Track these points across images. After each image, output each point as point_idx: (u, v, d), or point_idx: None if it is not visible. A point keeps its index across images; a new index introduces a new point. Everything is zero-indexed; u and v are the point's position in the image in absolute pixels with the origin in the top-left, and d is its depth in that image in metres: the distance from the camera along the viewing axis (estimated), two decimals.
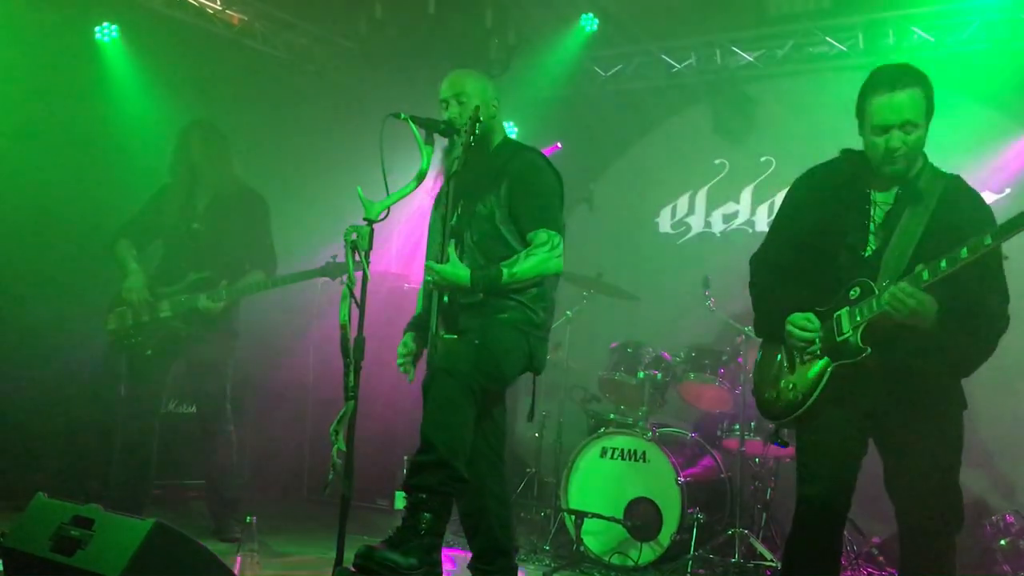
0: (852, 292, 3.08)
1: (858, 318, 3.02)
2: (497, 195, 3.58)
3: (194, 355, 5.00)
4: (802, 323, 3.13)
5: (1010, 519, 4.92)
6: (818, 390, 3.09)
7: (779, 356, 3.29)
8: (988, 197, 5.37)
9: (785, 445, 3.44)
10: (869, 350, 3.00)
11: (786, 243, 3.32)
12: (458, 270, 3.41)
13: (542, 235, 3.52)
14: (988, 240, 2.80)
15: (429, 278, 3.45)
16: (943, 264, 2.86)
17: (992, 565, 4.73)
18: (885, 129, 3.02)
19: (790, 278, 3.27)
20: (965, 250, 2.83)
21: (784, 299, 3.23)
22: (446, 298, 3.50)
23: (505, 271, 3.45)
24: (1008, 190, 5.51)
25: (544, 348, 3.72)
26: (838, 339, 3.07)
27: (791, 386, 3.19)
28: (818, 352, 3.11)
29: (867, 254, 3.11)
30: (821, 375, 3.09)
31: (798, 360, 3.18)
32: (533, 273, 3.50)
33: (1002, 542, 4.80)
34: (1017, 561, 4.76)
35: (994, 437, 3.09)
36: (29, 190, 5.57)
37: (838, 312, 3.09)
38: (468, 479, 3.40)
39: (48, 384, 5.57)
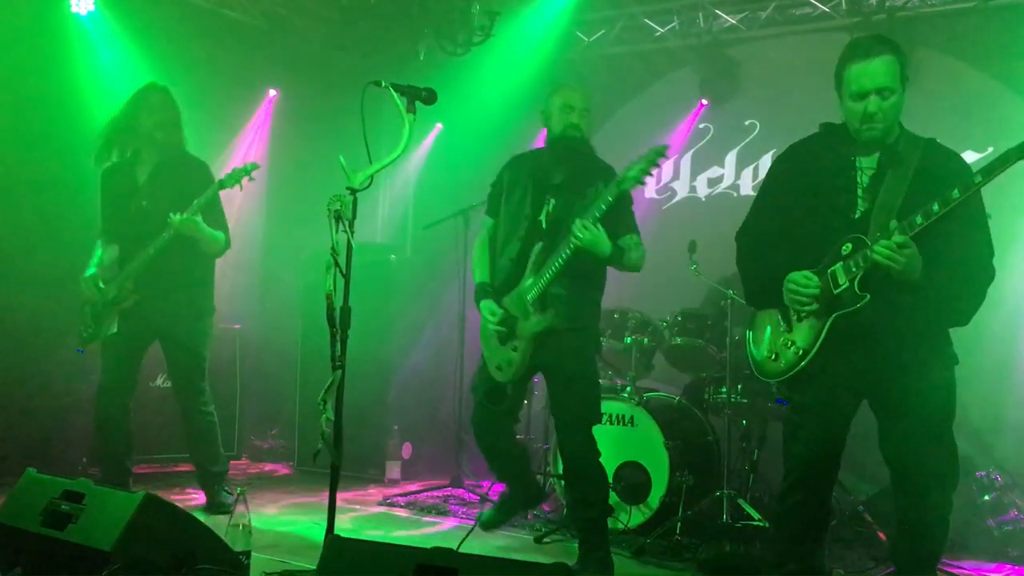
0: (844, 248, 3.13)
1: (853, 269, 3.08)
2: (593, 196, 3.98)
3: (166, 334, 4.94)
4: (802, 280, 3.17)
5: (996, 475, 5.00)
6: (818, 344, 3.15)
7: (773, 320, 3.34)
8: (971, 156, 5.41)
9: (790, 401, 3.45)
10: (868, 296, 3.05)
11: (772, 213, 3.38)
12: (604, 239, 3.85)
13: (636, 238, 4.07)
14: (978, 179, 2.90)
15: (580, 235, 3.79)
16: (935, 207, 2.94)
17: (978, 520, 4.81)
18: (863, 95, 3.12)
19: (779, 245, 3.32)
20: (956, 191, 2.91)
21: (775, 264, 3.27)
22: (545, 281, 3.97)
23: (627, 254, 4.00)
24: (991, 148, 5.52)
25: None
26: (835, 291, 3.12)
27: (790, 343, 3.24)
28: (815, 309, 3.15)
29: (856, 216, 3.17)
30: (821, 329, 3.14)
31: (795, 319, 3.24)
32: (638, 265, 4.08)
33: (986, 497, 4.88)
34: (1001, 516, 4.84)
35: (974, 396, 3.16)
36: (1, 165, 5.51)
37: (832, 268, 3.14)
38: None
39: (35, 362, 5.55)
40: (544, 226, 4.07)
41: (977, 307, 3.14)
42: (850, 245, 3.12)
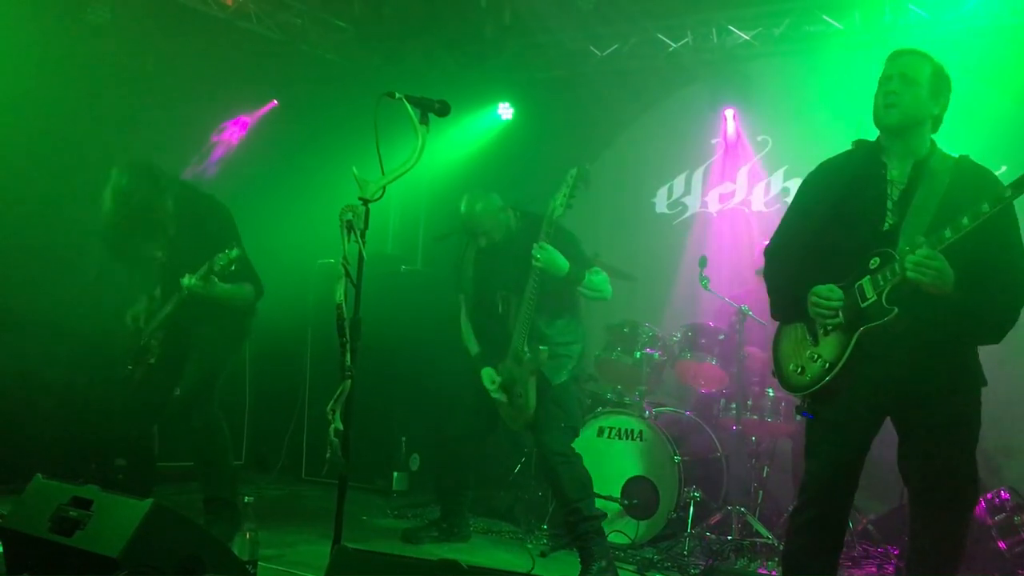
0: (872, 262, 3.10)
1: (881, 283, 3.05)
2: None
3: (193, 335, 4.58)
4: (824, 292, 3.16)
5: (1005, 495, 4.95)
6: (845, 357, 3.11)
7: (799, 333, 3.30)
8: None
9: (816, 415, 3.39)
10: (897, 309, 3.01)
11: (800, 227, 3.37)
12: (559, 255, 4.24)
13: (596, 269, 4.51)
14: (1008, 192, 2.87)
15: (538, 255, 4.20)
16: (965, 220, 2.91)
17: (987, 541, 4.76)
18: (887, 79, 3.17)
19: (808, 258, 3.30)
20: (986, 205, 2.89)
21: (802, 276, 3.26)
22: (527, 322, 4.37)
23: (589, 276, 4.39)
24: (1004, 167, 5.50)
25: None
26: (863, 305, 3.09)
27: (816, 356, 3.20)
28: (842, 322, 3.13)
29: (885, 228, 3.15)
30: (847, 342, 3.11)
31: (821, 332, 3.21)
32: (604, 288, 4.49)
33: (996, 518, 4.84)
34: (1011, 537, 4.80)
35: (984, 416, 3.16)
36: (20, 171, 5.53)
37: (859, 282, 3.12)
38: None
39: (46, 367, 5.57)
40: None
41: (1010, 325, 3.09)
42: (878, 259, 3.09)
